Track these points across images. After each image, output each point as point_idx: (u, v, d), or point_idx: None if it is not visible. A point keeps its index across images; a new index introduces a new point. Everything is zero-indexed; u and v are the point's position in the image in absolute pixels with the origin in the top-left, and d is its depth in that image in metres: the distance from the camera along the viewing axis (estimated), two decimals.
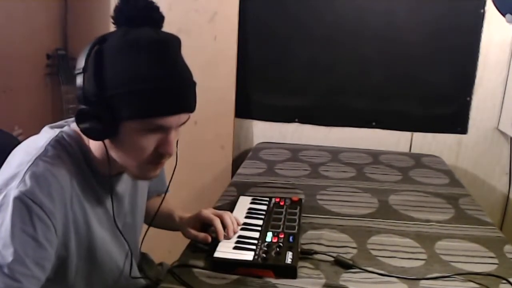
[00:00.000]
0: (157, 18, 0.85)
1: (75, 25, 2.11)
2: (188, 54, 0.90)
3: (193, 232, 1.14)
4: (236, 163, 2.11)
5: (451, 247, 1.20)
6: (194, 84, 0.88)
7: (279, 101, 2.17)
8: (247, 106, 2.19)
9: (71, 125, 0.91)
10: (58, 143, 0.86)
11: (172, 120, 0.84)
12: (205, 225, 1.16)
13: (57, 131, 0.90)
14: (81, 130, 0.82)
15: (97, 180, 0.91)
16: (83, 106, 0.80)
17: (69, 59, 2.06)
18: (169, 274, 1.02)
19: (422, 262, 1.12)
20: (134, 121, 0.81)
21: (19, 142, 1.09)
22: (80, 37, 2.10)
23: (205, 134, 2.08)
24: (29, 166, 0.80)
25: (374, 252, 1.16)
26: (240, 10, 2.05)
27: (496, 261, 1.13)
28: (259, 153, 1.99)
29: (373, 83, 2.09)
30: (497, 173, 2.12)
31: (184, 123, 0.89)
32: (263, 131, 2.21)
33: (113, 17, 0.84)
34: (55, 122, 0.96)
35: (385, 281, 1.03)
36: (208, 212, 1.16)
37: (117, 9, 0.83)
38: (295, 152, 2.01)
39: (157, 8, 0.85)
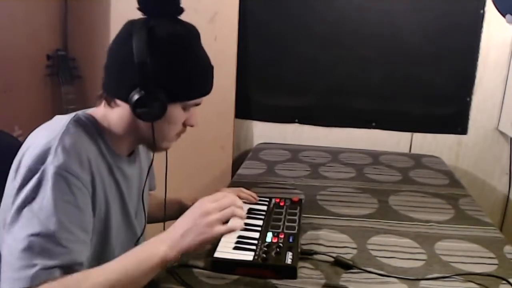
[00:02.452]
0: (181, 9, 0.95)
1: (75, 26, 2.11)
2: None
3: None
4: (236, 163, 2.11)
5: (451, 247, 1.20)
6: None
7: (279, 101, 2.17)
8: (247, 106, 2.19)
9: (83, 111, 0.96)
10: (77, 122, 0.91)
11: (203, 99, 0.98)
12: None
13: (72, 114, 0.93)
14: (138, 114, 0.89)
15: (113, 160, 0.96)
16: (141, 92, 0.87)
17: (69, 59, 2.06)
18: (169, 274, 1.02)
19: (422, 262, 1.12)
20: (182, 102, 0.94)
21: (19, 142, 1.09)
22: (80, 38, 2.10)
23: (205, 134, 2.08)
24: (58, 142, 0.84)
25: (374, 253, 1.16)
26: (240, 10, 2.05)
27: (496, 261, 1.13)
28: (259, 153, 1.99)
29: (373, 83, 2.09)
30: (497, 173, 2.12)
31: None
32: (263, 132, 2.21)
33: (142, 7, 0.91)
34: None
35: (385, 281, 1.03)
36: (229, 189, 1.33)
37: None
38: (295, 152, 2.01)
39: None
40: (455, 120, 2.09)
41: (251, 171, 1.75)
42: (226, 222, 1.25)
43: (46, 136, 0.86)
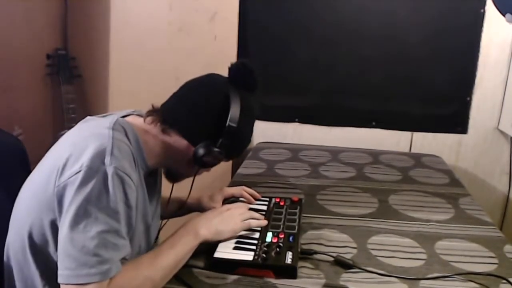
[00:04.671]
0: (257, 87, 1.09)
1: (75, 25, 2.11)
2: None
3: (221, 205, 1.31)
4: (236, 163, 2.11)
5: (451, 247, 1.20)
6: None
7: (279, 101, 2.17)
8: None
9: (120, 116, 1.01)
10: (121, 127, 0.96)
11: None
12: (226, 200, 1.34)
13: (111, 117, 0.98)
14: (200, 160, 1.00)
15: (143, 169, 0.99)
16: (217, 146, 1.00)
17: (69, 59, 2.06)
18: None
19: (422, 262, 1.12)
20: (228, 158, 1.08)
21: (19, 142, 1.09)
22: (80, 37, 2.10)
23: None
24: (112, 143, 0.88)
25: (374, 252, 1.16)
26: (240, 10, 2.05)
27: (496, 261, 1.13)
28: (259, 153, 1.99)
29: (373, 83, 2.09)
30: (497, 173, 2.12)
31: None
32: (263, 131, 2.21)
33: (232, 77, 1.09)
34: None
35: (385, 281, 1.03)
36: (231, 188, 1.38)
37: (244, 76, 1.08)
38: (295, 152, 2.01)
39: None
40: (455, 119, 2.09)
41: (251, 171, 1.75)
42: None
43: (95, 137, 0.89)
